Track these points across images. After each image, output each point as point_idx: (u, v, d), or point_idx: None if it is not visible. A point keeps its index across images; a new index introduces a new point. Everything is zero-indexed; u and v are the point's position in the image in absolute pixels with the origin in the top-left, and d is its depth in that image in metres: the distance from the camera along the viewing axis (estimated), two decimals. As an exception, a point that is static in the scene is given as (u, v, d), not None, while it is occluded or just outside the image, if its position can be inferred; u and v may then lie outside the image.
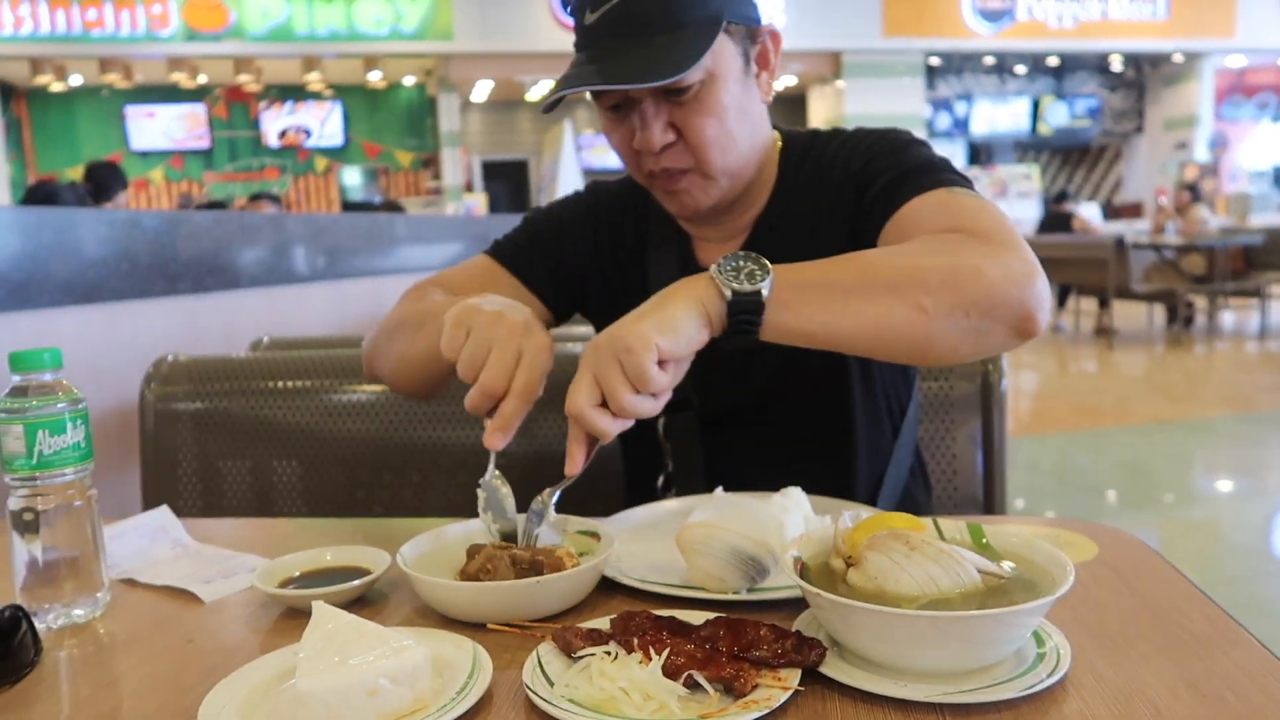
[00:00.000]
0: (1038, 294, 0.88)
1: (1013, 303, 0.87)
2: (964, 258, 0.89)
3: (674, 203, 1.15)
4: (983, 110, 15.06)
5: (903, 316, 0.86)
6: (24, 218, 1.99)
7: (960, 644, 0.64)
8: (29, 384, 0.84)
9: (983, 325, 0.88)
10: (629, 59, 1.01)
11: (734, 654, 0.67)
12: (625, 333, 0.82)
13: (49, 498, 0.84)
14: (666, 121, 1.06)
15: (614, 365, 0.82)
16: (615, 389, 0.82)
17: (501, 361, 0.91)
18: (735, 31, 1.06)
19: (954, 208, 0.99)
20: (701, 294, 0.86)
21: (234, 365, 1.67)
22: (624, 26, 1.02)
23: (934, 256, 0.90)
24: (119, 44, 11.37)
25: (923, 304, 0.86)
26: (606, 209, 1.31)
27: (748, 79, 1.10)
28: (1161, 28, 13.78)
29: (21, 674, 0.74)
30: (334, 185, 14.39)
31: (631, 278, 1.26)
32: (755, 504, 0.86)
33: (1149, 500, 4.21)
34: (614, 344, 0.82)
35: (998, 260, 0.89)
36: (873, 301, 0.86)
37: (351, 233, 3.62)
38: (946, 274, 0.87)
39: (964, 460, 1.46)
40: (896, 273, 0.88)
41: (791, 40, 12.24)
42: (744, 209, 1.20)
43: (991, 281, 0.87)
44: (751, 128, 1.12)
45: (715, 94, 1.05)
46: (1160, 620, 0.75)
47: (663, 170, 1.10)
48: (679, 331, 0.83)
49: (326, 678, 0.62)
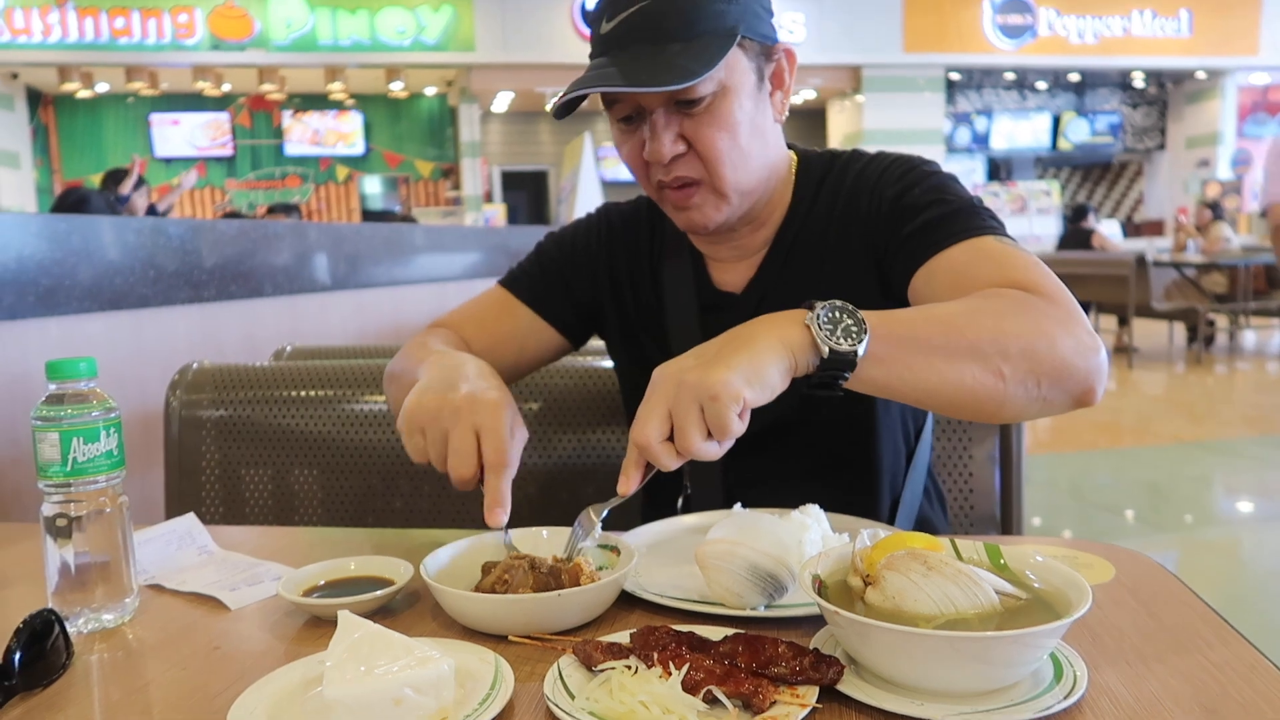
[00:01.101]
0: (1100, 367, 0.90)
1: (1080, 376, 0.89)
2: (1040, 325, 0.89)
3: (683, 218, 1.14)
4: (1003, 125, 15.03)
5: (981, 381, 0.87)
6: (53, 225, 2.02)
7: (977, 664, 0.65)
8: (65, 392, 0.86)
9: (1050, 394, 0.89)
10: (641, 65, 1.01)
11: (753, 670, 0.67)
12: (714, 380, 0.79)
13: (82, 504, 0.86)
14: (677, 133, 1.07)
15: (695, 409, 0.80)
16: (690, 434, 0.80)
17: (460, 448, 0.91)
18: (750, 47, 1.07)
19: (1008, 260, 0.99)
20: (795, 344, 0.83)
21: (257, 373, 1.69)
22: (639, 34, 1.03)
23: (1013, 319, 0.90)
24: (145, 52, 11.52)
25: (1001, 370, 0.87)
26: (619, 230, 1.31)
27: (761, 96, 1.10)
28: (1185, 45, 13.73)
29: (53, 677, 0.76)
30: (354, 194, 14.50)
31: (646, 297, 1.27)
32: (774, 521, 0.87)
33: (1168, 521, 4.18)
34: (699, 389, 0.79)
35: (1070, 331, 0.90)
36: (956, 362, 0.86)
37: (372, 242, 3.65)
38: (1025, 342, 0.88)
39: (981, 479, 1.46)
40: (980, 335, 0.88)
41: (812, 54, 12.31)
42: (756, 228, 1.20)
43: (1064, 354, 0.88)
44: (764, 145, 1.12)
45: (727, 107, 1.06)
46: (1177, 644, 0.75)
47: (674, 180, 1.09)
48: (766, 385, 0.81)
49: (353, 686, 0.63)
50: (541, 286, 1.30)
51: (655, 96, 1.05)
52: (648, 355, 1.27)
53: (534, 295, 1.30)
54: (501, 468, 0.91)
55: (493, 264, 4.91)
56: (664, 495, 1.27)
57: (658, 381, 0.84)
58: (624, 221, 1.32)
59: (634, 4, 1.03)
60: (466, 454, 0.91)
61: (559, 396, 1.56)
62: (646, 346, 1.28)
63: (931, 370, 0.86)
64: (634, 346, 1.30)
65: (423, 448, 0.95)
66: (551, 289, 1.30)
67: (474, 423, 0.92)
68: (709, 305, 1.23)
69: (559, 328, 1.30)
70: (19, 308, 1.87)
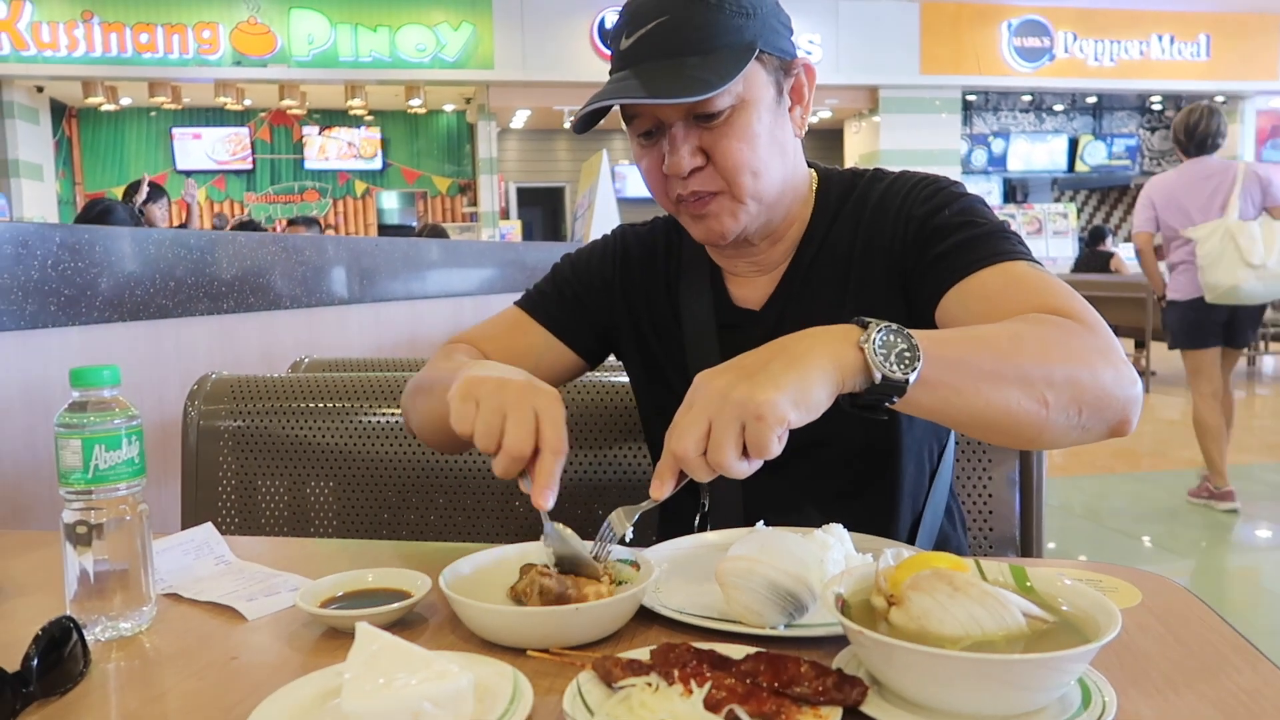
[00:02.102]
0: (1137, 399, 0.92)
1: (1118, 408, 0.90)
2: (1084, 354, 0.90)
3: (701, 227, 1.14)
4: (1019, 147, 15.00)
5: (1026, 408, 0.87)
6: (76, 235, 2.04)
7: (1004, 687, 0.64)
8: (88, 400, 0.86)
9: (1089, 423, 0.90)
10: (660, 79, 1.02)
11: (775, 690, 0.66)
12: (760, 400, 0.77)
13: (102, 511, 0.86)
14: (696, 146, 1.07)
15: (735, 426, 0.78)
16: (726, 451, 0.78)
17: (521, 423, 0.89)
18: (768, 62, 1.07)
19: (1044, 287, 0.99)
20: (846, 365, 0.82)
21: (275, 385, 1.70)
22: (658, 49, 1.04)
23: (1058, 347, 0.90)
24: (169, 67, 11.65)
25: (1045, 397, 0.87)
26: (635, 252, 1.31)
27: (780, 110, 1.11)
28: (1203, 68, 13.69)
29: (71, 685, 0.76)
30: (371, 209, 14.59)
31: (663, 317, 1.27)
32: (796, 540, 0.86)
33: (1185, 546, 4.13)
34: (744, 408, 0.78)
35: (1110, 361, 0.90)
36: (1002, 388, 0.86)
37: (390, 256, 3.67)
38: (1070, 370, 0.88)
39: (1000, 501, 1.45)
40: (1028, 361, 0.88)
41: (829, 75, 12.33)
42: (774, 242, 1.20)
43: (1106, 385, 0.89)
44: (783, 159, 1.12)
45: (746, 120, 1.06)
46: (1207, 671, 0.74)
47: (691, 194, 1.09)
48: (812, 407, 0.80)
49: (371, 699, 0.63)
50: (556, 307, 1.31)
51: (674, 110, 1.05)
52: (666, 374, 1.26)
53: (549, 316, 1.30)
54: (560, 452, 0.90)
55: (509, 279, 4.93)
56: (681, 512, 1.26)
57: (701, 391, 0.82)
58: (640, 242, 1.32)
59: (653, 19, 1.04)
60: (527, 432, 0.89)
61: (576, 411, 1.55)
62: (665, 366, 1.27)
63: (978, 396, 0.86)
64: (652, 366, 1.30)
65: (471, 418, 0.91)
66: (567, 310, 1.30)
67: (535, 405, 0.91)
68: (727, 323, 1.22)
69: (574, 348, 1.30)
70: (40, 317, 1.88)
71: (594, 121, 1.09)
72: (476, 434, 0.91)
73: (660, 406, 1.29)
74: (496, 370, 0.97)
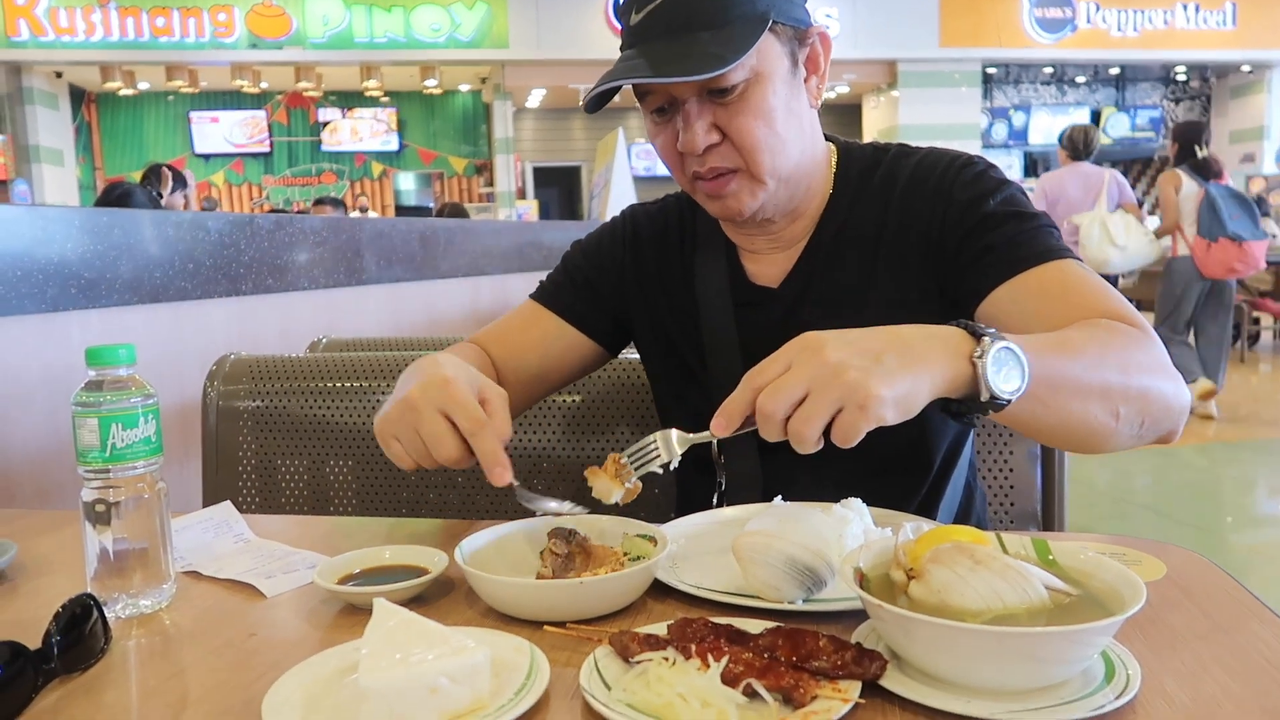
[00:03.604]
0: (1187, 408, 0.95)
1: (1172, 421, 0.94)
2: (1151, 366, 0.92)
3: (718, 205, 1.12)
4: (1040, 121, 14.80)
5: (1099, 420, 0.88)
6: (95, 219, 2.05)
7: (1026, 661, 0.63)
8: (104, 379, 0.86)
9: (1146, 434, 0.92)
10: (671, 55, 1.00)
11: (793, 664, 0.66)
12: (871, 391, 0.75)
13: (120, 490, 0.86)
14: (710, 122, 1.04)
15: (834, 406, 0.76)
16: (815, 426, 0.76)
17: (435, 433, 0.93)
18: (782, 32, 1.05)
19: (1098, 291, 1.01)
20: (957, 377, 0.81)
21: (293, 365, 1.70)
22: (668, 24, 1.01)
23: (1133, 359, 0.91)
24: (186, 50, 11.69)
25: (1119, 410, 0.89)
26: (646, 231, 1.30)
27: (795, 81, 1.08)
28: (1229, 37, 13.44)
29: (91, 661, 0.76)
30: (388, 190, 14.61)
31: (679, 296, 1.25)
32: (814, 514, 0.85)
33: (1209, 521, 4.10)
34: (852, 392, 0.75)
35: (1169, 373, 0.93)
36: (1085, 402, 0.88)
37: (407, 237, 3.67)
38: (1144, 384, 0.90)
39: (1021, 475, 1.44)
40: (1110, 375, 0.89)
41: (847, 49, 12.19)
42: (793, 218, 1.17)
43: (1168, 402, 0.92)
44: (800, 131, 1.10)
45: (761, 94, 1.03)
46: (1234, 644, 0.72)
47: (709, 170, 1.07)
48: (910, 412, 0.79)
49: (388, 674, 0.63)
50: (569, 295, 1.29)
51: (688, 86, 1.03)
52: (682, 355, 1.24)
53: (562, 304, 1.29)
54: (479, 431, 0.91)
55: (525, 259, 4.92)
56: (698, 490, 1.25)
57: (810, 356, 0.78)
58: (651, 222, 1.30)
59: None
60: (440, 435, 0.92)
61: (592, 392, 1.55)
62: (681, 346, 1.25)
63: (1064, 410, 0.87)
64: (667, 348, 1.28)
65: (401, 454, 0.97)
66: (580, 297, 1.29)
67: (437, 406, 0.93)
68: (744, 301, 1.20)
69: (590, 334, 1.29)
70: (61, 300, 1.89)
71: (606, 101, 1.07)
72: (419, 461, 0.96)
73: (678, 393, 1.28)
74: (394, 394, 1.00)
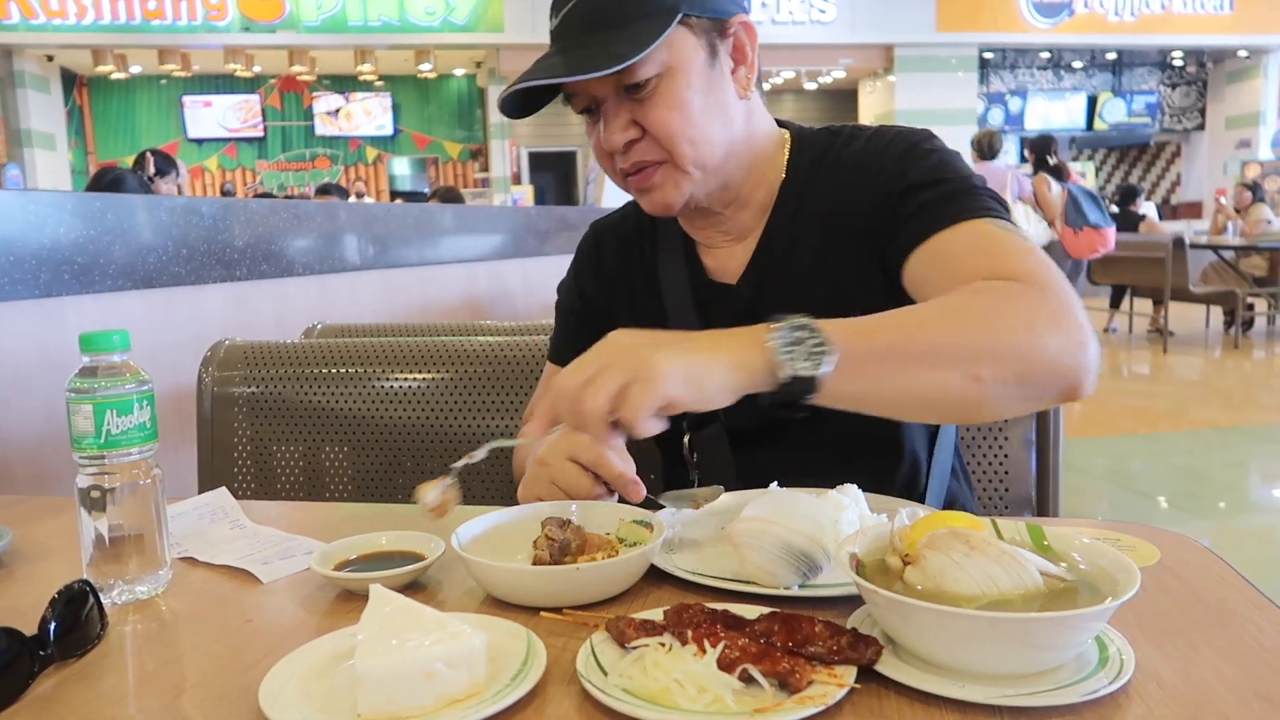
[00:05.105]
0: (1089, 362, 0.88)
1: (1065, 373, 0.87)
2: (1026, 322, 0.87)
3: (647, 200, 1.12)
4: (1037, 106, 14.78)
5: (958, 387, 0.85)
6: (89, 203, 2.04)
7: (1021, 646, 0.63)
8: (98, 365, 0.86)
9: (1033, 392, 0.87)
10: (582, 56, 1.01)
11: (789, 649, 0.66)
12: (656, 363, 0.79)
13: (115, 476, 0.86)
14: (629, 119, 1.05)
15: (620, 379, 0.79)
16: (599, 396, 0.79)
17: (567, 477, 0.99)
18: (697, 25, 1.04)
19: (1003, 248, 0.96)
20: (752, 364, 0.81)
21: (288, 350, 1.70)
22: (579, 26, 1.03)
23: (995, 319, 0.87)
24: (178, 34, 11.61)
25: (979, 374, 0.84)
26: (609, 244, 1.30)
27: (715, 73, 1.07)
28: (1226, 22, 13.42)
29: (88, 647, 0.76)
30: (383, 175, 14.57)
31: (646, 302, 1.24)
32: (810, 500, 0.85)
33: (1203, 507, 4.12)
34: (637, 365, 0.79)
35: (1058, 326, 0.87)
36: (930, 371, 0.85)
37: (402, 222, 3.66)
38: (1005, 343, 0.86)
39: (1016, 461, 1.44)
40: (957, 339, 0.86)
41: (843, 33, 12.16)
42: (740, 208, 1.16)
43: (1050, 351, 0.86)
44: (725, 122, 1.09)
45: (675, 88, 1.04)
46: (1228, 629, 0.73)
47: (633, 166, 1.08)
48: (703, 395, 0.80)
49: (384, 660, 0.63)
50: (570, 340, 1.29)
51: (605, 85, 1.04)
52: None
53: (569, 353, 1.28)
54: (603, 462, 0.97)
55: (521, 244, 4.91)
56: (675, 484, 1.24)
57: (609, 340, 0.84)
58: (613, 232, 1.31)
59: None
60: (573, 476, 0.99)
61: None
62: None
63: (904, 380, 0.85)
64: None
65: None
66: (579, 335, 1.27)
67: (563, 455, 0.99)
68: (705, 299, 1.19)
69: None
70: (54, 285, 1.89)
71: (527, 106, 1.09)
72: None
73: None
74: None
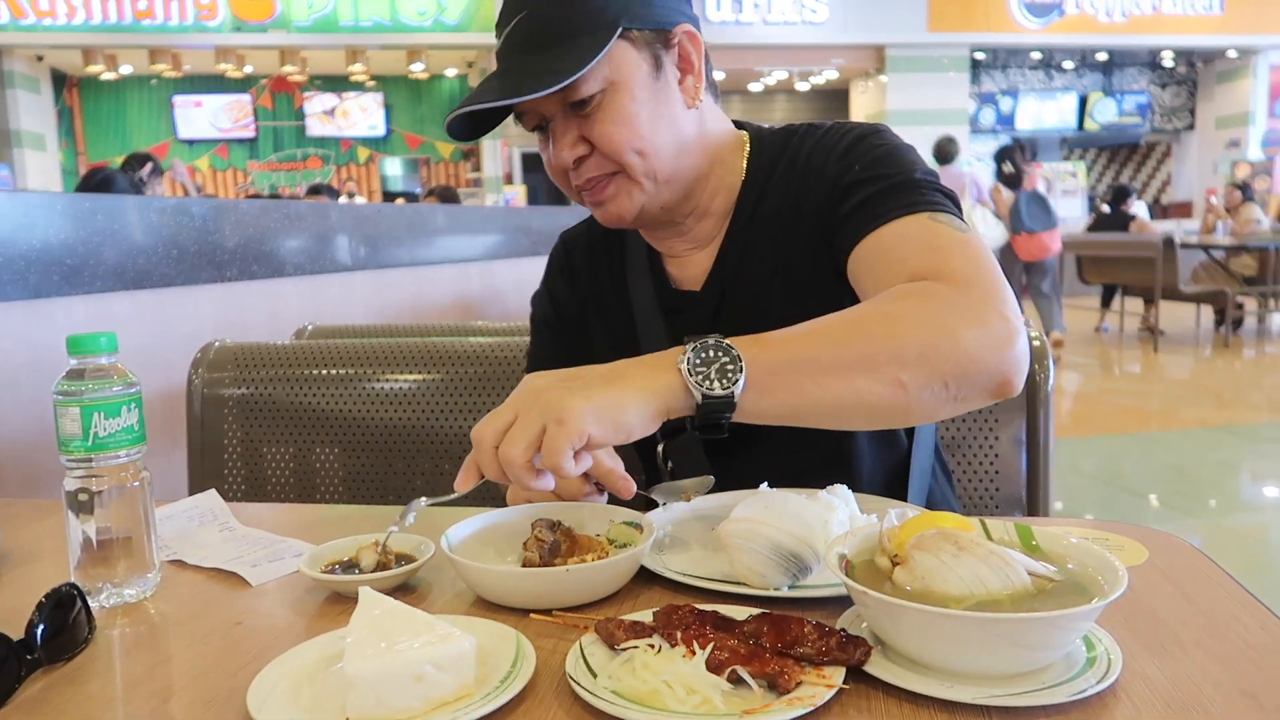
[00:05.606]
0: (1017, 358, 0.86)
1: (990, 370, 0.86)
2: (943, 322, 0.86)
3: (602, 212, 1.12)
4: (1028, 106, 14.81)
5: (878, 393, 0.84)
6: (78, 204, 2.03)
7: (1009, 646, 0.63)
8: (85, 367, 0.85)
9: (961, 392, 0.86)
10: (523, 76, 1.00)
11: (778, 650, 0.66)
12: (568, 405, 0.78)
13: (103, 479, 0.85)
14: (577, 135, 1.05)
15: (537, 425, 0.79)
16: (516, 445, 0.78)
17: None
18: (638, 38, 1.04)
19: (935, 243, 0.95)
20: (665, 388, 0.82)
21: (279, 352, 1.69)
22: (520, 46, 1.03)
23: (909, 322, 0.87)
24: (168, 34, 11.56)
25: (900, 379, 0.84)
26: (579, 254, 1.29)
27: (660, 84, 1.07)
28: (1216, 23, 13.47)
29: (76, 651, 0.76)
30: (375, 175, 14.53)
31: (614, 308, 1.24)
32: (800, 500, 0.85)
33: (1193, 506, 4.13)
34: (550, 409, 0.78)
35: (979, 323, 0.86)
36: (847, 379, 0.84)
37: (394, 223, 3.65)
38: (924, 345, 0.85)
39: (1006, 460, 1.44)
40: (872, 346, 0.85)
41: (834, 34, 12.17)
42: (701, 216, 1.16)
43: (969, 351, 0.85)
44: (675, 133, 1.08)
45: (619, 102, 1.03)
46: (1215, 627, 0.73)
47: (586, 182, 1.08)
48: (620, 427, 0.80)
49: (374, 662, 0.63)
50: (547, 349, 1.30)
51: (551, 103, 1.04)
52: None
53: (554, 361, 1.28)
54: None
55: (513, 244, 4.90)
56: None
57: (522, 387, 0.85)
58: (580, 243, 1.30)
59: (514, 16, 1.04)
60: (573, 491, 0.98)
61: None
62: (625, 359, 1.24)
63: (823, 391, 0.84)
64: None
65: None
66: (556, 344, 1.29)
67: None
68: (671, 308, 1.19)
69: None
70: (44, 287, 1.88)
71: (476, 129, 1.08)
72: None
73: None
74: None
